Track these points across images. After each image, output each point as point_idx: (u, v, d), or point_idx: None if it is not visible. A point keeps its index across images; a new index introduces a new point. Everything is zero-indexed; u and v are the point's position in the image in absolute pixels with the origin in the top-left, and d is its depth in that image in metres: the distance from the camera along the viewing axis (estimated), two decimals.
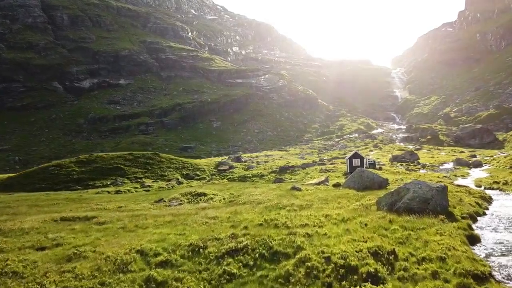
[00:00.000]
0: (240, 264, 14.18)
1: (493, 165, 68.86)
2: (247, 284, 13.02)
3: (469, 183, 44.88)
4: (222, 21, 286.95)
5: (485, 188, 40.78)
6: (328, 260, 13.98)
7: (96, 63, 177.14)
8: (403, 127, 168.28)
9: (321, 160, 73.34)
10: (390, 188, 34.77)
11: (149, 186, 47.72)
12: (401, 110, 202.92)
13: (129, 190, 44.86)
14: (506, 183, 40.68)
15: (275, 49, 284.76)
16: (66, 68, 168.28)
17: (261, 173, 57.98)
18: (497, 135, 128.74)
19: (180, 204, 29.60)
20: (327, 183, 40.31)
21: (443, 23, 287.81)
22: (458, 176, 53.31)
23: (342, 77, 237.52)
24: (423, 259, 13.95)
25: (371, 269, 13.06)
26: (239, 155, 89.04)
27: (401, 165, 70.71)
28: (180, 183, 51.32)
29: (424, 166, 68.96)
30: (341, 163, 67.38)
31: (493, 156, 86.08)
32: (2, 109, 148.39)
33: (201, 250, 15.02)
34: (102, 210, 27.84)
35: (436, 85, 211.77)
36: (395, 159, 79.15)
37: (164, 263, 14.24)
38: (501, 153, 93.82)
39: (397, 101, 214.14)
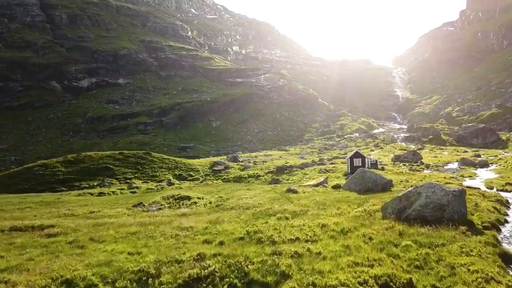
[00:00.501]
0: None
1: (500, 165, 65.18)
2: None
3: (478, 184, 41.20)
4: (222, 21, 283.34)
5: (498, 190, 37.11)
6: None
7: (94, 62, 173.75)
8: (405, 126, 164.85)
9: (321, 160, 69.64)
10: (394, 190, 31.16)
11: (137, 187, 44.18)
12: (402, 109, 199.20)
13: (114, 192, 41.43)
14: None
15: (276, 49, 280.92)
16: (64, 67, 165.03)
17: (257, 173, 54.40)
18: (500, 134, 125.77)
19: (159, 209, 26.13)
20: (326, 185, 36.69)
21: (444, 22, 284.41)
22: (465, 176, 49.58)
23: (342, 76, 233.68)
24: None
25: None
26: (236, 155, 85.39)
27: (404, 165, 67.05)
28: (171, 184, 47.80)
29: (428, 166, 65.28)
30: (341, 163, 63.77)
31: (497, 156, 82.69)
32: None
33: (151, 279, 11.26)
34: (68, 216, 24.37)
35: (437, 85, 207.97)
36: (397, 159, 75.46)
37: None
38: (505, 152, 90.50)
39: (398, 101, 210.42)
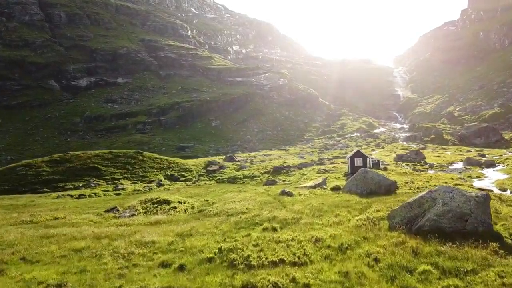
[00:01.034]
0: None
1: (507, 165, 61.52)
2: None
3: (489, 185, 37.65)
4: (222, 20, 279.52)
5: None
6: None
7: (93, 61, 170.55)
8: (406, 126, 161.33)
9: (320, 159, 66.08)
10: (400, 193, 27.66)
11: (123, 189, 40.82)
12: (403, 109, 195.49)
13: (96, 193, 38.13)
14: None
15: (276, 48, 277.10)
16: (63, 66, 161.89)
17: (252, 174, 50.99)
18: (503, 134, 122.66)
19: (133, 215, 22.85)
20: (324, 186, 33.20)
21: (445, 22, 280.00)
22: (473, 177, 46.05)
23: (343, 76, 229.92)
24: None
25: None
26: (232, 155, 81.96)
27: (407, 165, 63.51)
28: (160, 185, 44.39)
29: (432, 166, 61.73)
30: (341, 162, 60.32)
31: (502, 155, 79.12)
32: None
33: None
34: (25, 224, 21.08)
35: (438, 84, 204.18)
36: (400, 159, 71.88)
37: None
38: (510, 152, 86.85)
39: (399, 100, 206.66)
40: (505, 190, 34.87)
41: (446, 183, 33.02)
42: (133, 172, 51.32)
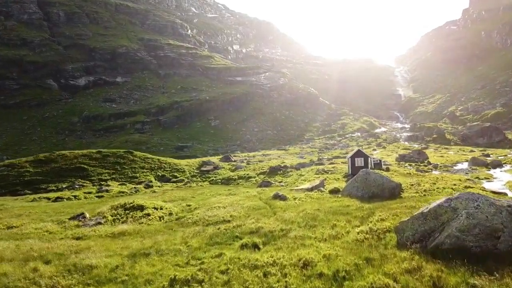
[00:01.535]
0: None
1: None
2: None
3: (502, 188, 34.36)
4: (223, 20, 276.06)
5: None
6: None
7: (92, 60, 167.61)
8: (407, 126, 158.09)
9: (320, 159, 62.76)
10: (405, 196, 24.39)
11: (107, 191, 37.63)
12: (405, 109, 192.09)
13: (76, 196, 34.94)
14: None
15: (277, 48, 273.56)
16: (61, 65, 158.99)
17: (248, 174, 47.85)
18: (506, 133, 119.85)
19: (98, 223, 19.80)
20: (322, 189, 29.96)
21: (447, 21, 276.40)
22: (481, 178, 42.70)
23: (344, 76, 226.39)
24: None
25: None
26: (229, 154, 78.71)
27: (410, 165, 60.26)
28: (149, 187, 41.20)
29: (436, 166, 58.44)
30: (341, 163, 57.08)
31: (507, 155, 76.25)
32: None
33: None
34: None
35: (440, 84, 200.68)
36: (402, 159, 68.59)
37: None
38: None
39: (400, 100, 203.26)
40: None
41: (455, 185, 29.77)
42: (122, 172, 48.14)
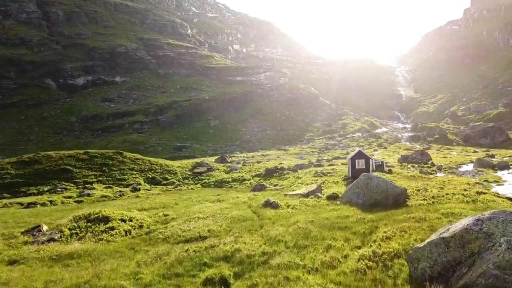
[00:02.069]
0: None
1: None
2: None
3: None
4: (223, 19, 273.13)
5: None
6: None
7: (91, 59, 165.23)
8: (408, 126, 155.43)
9: (319, 161, 60.02)
10: (412, 205, 21.74)
11: (89, 195, 34.95)
12: (406, 109, 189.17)
13: (52, 201, 32.25)
14: None
15: (277, 48, 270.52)
16: (59, 64, 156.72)
17: (242, 176, 45.25)
18: (509, 134, 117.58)
19: (50, 240, 17.19)
20: (319, 194, 27.28)
21: (448, 21, 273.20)
22: (490, 181, 40.05)
23: (345, 75, 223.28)
24: None
25: None
26: (224, 155, 76.07)
27: (413, 166, 57.59)
28: (136, 190, 38.54)
29: (440, 168, 55.70)
30: (341, 164, 54.41)
31: (511, 156, 73.46)
32: None
33: None
34: None
35: (441, 84, 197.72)
36: (404, 160, 65.88)
37: None
38: None
39: (401, 100, 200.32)
40: None
41: (465, 190, 27.08)
42: (109, 174, 45.52)
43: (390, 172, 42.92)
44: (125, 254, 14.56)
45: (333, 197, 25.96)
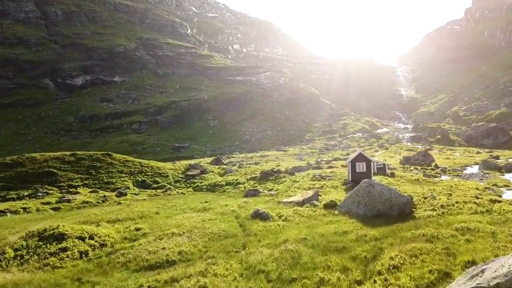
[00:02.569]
0: None
1: None
2: None
3: None
4: (223, 19, 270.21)
5: None
6: None
7: (90, 59, 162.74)
8: (410, 126, 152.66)
9: (318, 162, 57.23)
10: (420, 216, 19.08)
11: (69, 200, 32.10)
12: (407, 109, 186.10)
13: (26, 208, 29.33)
14: None
15: (277, 48, 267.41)
16: (58, 64, 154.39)
17: (237, 180, 42.59)
18: (511, 134, 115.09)
19: None
20: (315, 202, 24.57)
21: (449, 21, 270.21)
22: (499, 185, 37.32)
23: (345, 75, 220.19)
24: None
25: None
26: (220, 157, 73.35)
27: (416, 168, 54.86)
28: (122, 195, 35.83)
29: (444, 170, 52.97)
30: (341, 166, 51.73)
31: None
32: None
33: None
34: None
35: (443, 83, 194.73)
36: (407, 161, 63.15)
37: None
38: None
39: (402, 100, 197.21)
40: None
41: (477, 198, 24.42)
42: (96, 177, 42.82)
43: (392, 175, 40.25)
44: None
45: (331, 206, 23.29)
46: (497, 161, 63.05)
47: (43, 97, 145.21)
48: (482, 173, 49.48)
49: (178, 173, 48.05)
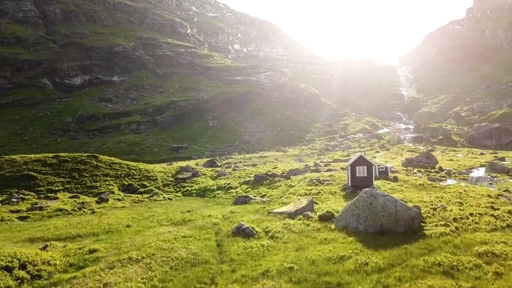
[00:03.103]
0: None
1: None
2: None
3: None
4: (223, 19, 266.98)
5: None
6: None
7: (88, 59, 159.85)
8: (411, 126, 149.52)
9: (316, 165, 54.06)
10: (430, 234, 16.10)
11: (41, 208, 28.80)
12: (408, 109, 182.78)
13: None
14: None
15: (278, 48, 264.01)
16: (56, 64, 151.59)
17: (229, 184, 39.55)
18: None
19: None
20: (310, 213, 21.44)
21: (450, 20, 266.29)
22: (511, 191, 34.13)
23: (346, 75, 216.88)
24: None
25: None
26: (214, 158, 70.25)
27: (419, 171, 51.71)
28: (102, 201, 32.75)
29: (449, 173, 49.74)
30: (341, 168, 48.63)
31: None
32: None
33: None
34: None
35: (444, 84, 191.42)
36: (409, 163, 60.02)
37: None
38: None
39: (403, 100, 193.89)
40: None
41: (493, 208, 21.34)
42: (79, 181, 39.71)
43: (395, 179, 37.14)
44: None
45: (327, 218, 20.23)
46: (504, 163, 59.97)
47: (41, 97, 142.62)
48: (490, 177, 46.31)
49: (168, 176, 44.99)
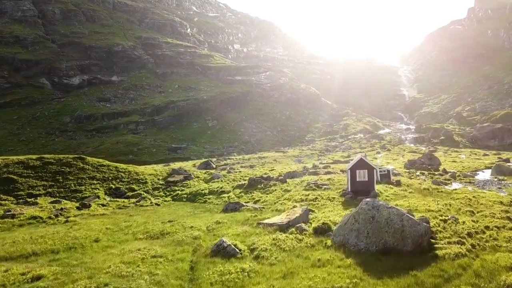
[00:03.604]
0: None
1: None
2: None
3: None
4: (224, 19, 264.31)
5: None
6: None
7: (87, 59, 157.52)
8: (412, 127, 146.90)
9: (315, 167, 51.43)
10: (443, 255, 13.68)
11: (13, 215, 26.01)
12: (409, 109, 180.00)
13: None
14: None
15: (278, 47, 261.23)
16: (55, 63, 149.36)
17: (222, 188, 37.07)
18: None
19: None
20: (303, 225, 18.84)
21: (452, 20, 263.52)
22: None
23: (347, 75, 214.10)
24: None
25: None
26: (209, 160, 67.72)
27: (423, 173, 49.13)
28: (84, 207, 30.17)
29: (454, 176, 47.13)
30: (341, 171, 46.08)
31: None
32: None
33: None
34: None
35: (445, 84, 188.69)
36: (412, 165, 57.46)
37: None
38: None
39: (404, 100, 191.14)
40: None
41: (509, 219, 18.78)
42: (63, 185, 37.17)
43: (398, 184, 34.57)
44: None
45: (322, 231, 17.70)
46: (509, 164, 57.39)
47: (39, 97, 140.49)
48: (497, 180, 43.72)
49: (158, 179, 42.46)
